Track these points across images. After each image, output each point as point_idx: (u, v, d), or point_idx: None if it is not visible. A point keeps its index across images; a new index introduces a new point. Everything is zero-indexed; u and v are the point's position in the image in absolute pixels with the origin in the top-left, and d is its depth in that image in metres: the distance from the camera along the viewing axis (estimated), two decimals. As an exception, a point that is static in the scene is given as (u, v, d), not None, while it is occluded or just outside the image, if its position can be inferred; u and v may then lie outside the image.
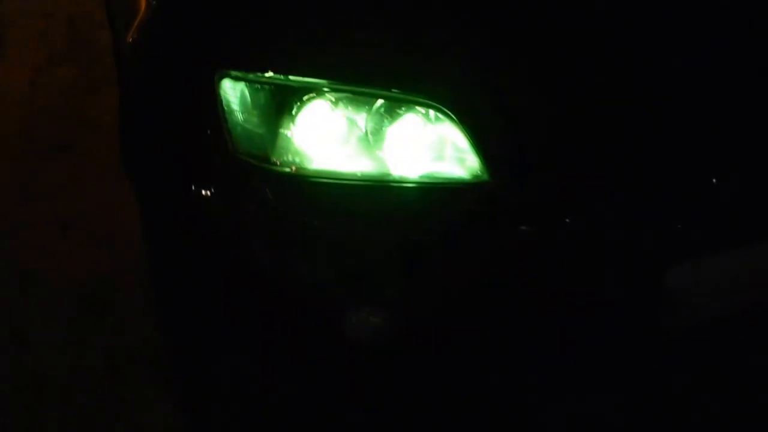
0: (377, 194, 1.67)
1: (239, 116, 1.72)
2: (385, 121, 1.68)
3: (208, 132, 1.75)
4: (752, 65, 1.74)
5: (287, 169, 1.68)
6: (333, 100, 1.68)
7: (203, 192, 1.78)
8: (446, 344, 1.74)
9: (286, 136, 1.69)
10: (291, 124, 1.69)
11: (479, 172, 1.65)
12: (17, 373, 2.24)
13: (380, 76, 1.68)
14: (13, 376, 2.23)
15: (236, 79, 1.72)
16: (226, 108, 1.73)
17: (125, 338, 2.33)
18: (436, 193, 1.67)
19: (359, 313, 1.69)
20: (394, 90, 1.67)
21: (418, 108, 1.66)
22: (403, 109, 1.67)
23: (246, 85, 1.72)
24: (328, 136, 1.68)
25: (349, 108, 1.68)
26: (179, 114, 1.84)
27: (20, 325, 2.38)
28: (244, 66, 1.73)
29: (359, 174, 1.67)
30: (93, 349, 2.31)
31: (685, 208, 1.68)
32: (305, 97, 1.69)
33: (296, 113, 1.69)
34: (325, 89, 1.68)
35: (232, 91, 1.73)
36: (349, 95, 1.68)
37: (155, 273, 2.21)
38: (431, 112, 1.66)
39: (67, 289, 2.47)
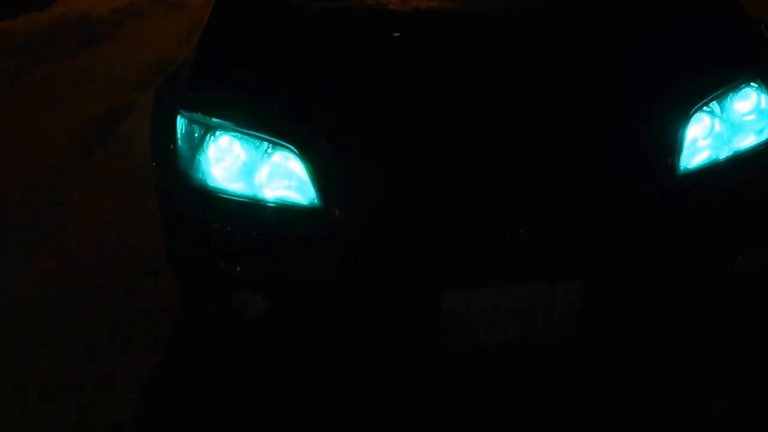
0: (247, 209, 2.28)
1: (180, 142, 2.42)
2: (261, 156, 2.28)
3: (171, 145, 2.47)
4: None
5: (194, 183, 2.34)
6: (233, 137, 2.32)
7: (169, 185, 2.49)
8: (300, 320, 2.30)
9: (199, 159, 2.35)
10: (203, 152, 2.35)
11: (315, 201, 2.21)
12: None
13: (262, 124, 2.30)
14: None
15: (182, 116, 2.43)
16: (177, 135, 2.44)
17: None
18: (285, 212, 2.25)
19: (232, 290, 2.32)
20: (265, 134, 2.27)
21: (281, 149, 2.26)
22: (272, 148, 2.27)
23: (185, 122, 2.41)
24: (224, 163, 2.32)
25: (242, 145, 2.31)
26: (167, 137, 2.57)
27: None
28: (185, 107, 2.43)
29: (238, 193, 2.29)
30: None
31: (462, 248, 2.11)
32: (216, 133, 2.34)
33: (208, 144, 2.34)
34: (229, 129, 2.33)
35: (179, 125, 2.43)
36: (242, 135, 2.31)
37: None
38: (288, 153, 2.24)
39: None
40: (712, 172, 2.25)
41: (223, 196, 2.31)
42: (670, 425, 2.27)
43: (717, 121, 2.30)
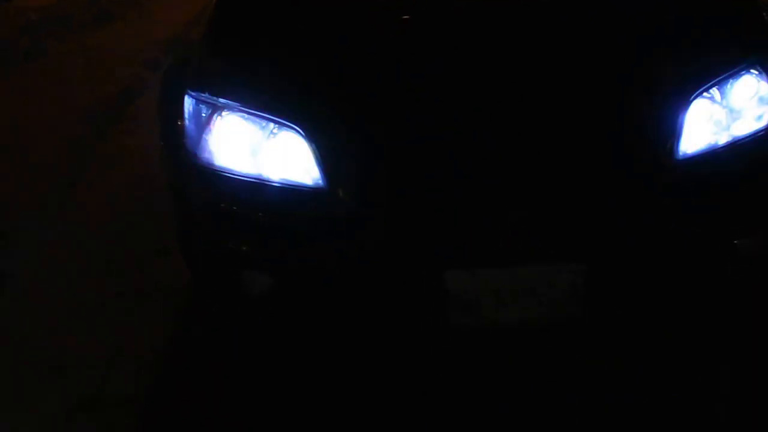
0: (253, 188, 2.32)
1: (187, 122, 2.46)
2: (267, 136, 2.32)
3: (179, 125, 2.51)
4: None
5: (201, 162, 2.38)
6: (239, 117, 2.36)
7: (176, 165, 2.53)
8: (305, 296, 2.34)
9: (205, 139, 2.39)
10: (210, 131, 2.39)
11: (319, 181, 2.24)
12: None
13: (268, 105, 2.33)
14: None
15: (190, 96, 2.46)
16: (185, 115, 2.48)
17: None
18: (290, 192, 2.28)
19: (239, 269, 2.36)
20: (271, 115, 2.31)
21: (286, 130, 2.29)
22: (277, 129, 2.31)
23: (193, 102, 2.45)
24: (231, 143, 2.36)
25: (248, 124, 2.35)
26: (175, 117, 2.61)
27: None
28: (192, 87, 2.46)
29: (244, 173, 2.33)
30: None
31: (467, 228, 2.15)
32: (223, 113, 2.38)
33: (214, 123, 2.38)
34: (236, 110, 2.36)
35: (187, 105, 2.47)
36: (249, 116, 2.35)
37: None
38: (294, 134, 2.28)
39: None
40: (711, 157, 2.27)
41: (230, 175, 2.34)
42: (670, 425, 2.30)
43: (717, 107, 2.31)
